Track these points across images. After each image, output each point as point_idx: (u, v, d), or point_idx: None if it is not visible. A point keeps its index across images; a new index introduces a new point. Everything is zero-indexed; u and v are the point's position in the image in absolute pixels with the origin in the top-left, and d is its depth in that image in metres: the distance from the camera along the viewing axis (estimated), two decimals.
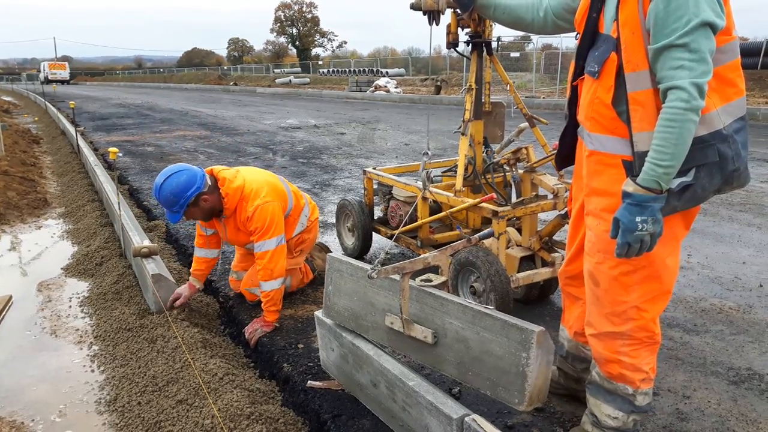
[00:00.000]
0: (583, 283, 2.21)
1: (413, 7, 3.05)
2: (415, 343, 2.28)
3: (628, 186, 1.82)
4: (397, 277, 2.30)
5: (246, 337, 3.29)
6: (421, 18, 3.16)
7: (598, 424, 2.20)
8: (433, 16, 2.80)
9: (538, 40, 27.40)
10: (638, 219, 1.79)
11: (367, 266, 2.41)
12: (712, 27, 1.71)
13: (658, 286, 2.02)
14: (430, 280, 2.33)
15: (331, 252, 2.59)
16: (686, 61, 1.71)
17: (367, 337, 2.53)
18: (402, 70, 38.92)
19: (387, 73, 35.30)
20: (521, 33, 4.44)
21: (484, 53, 3.79)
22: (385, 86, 28.56)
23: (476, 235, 2.46)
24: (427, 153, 3.13)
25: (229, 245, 4.29)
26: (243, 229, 3.43)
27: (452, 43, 3.73)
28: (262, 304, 3.31)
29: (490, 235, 2.30)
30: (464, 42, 3.75)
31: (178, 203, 3.21)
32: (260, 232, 3.28)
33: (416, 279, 2.30)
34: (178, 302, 3.52)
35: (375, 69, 37.60)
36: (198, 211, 3.32)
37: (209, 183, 3.31)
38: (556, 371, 2.62)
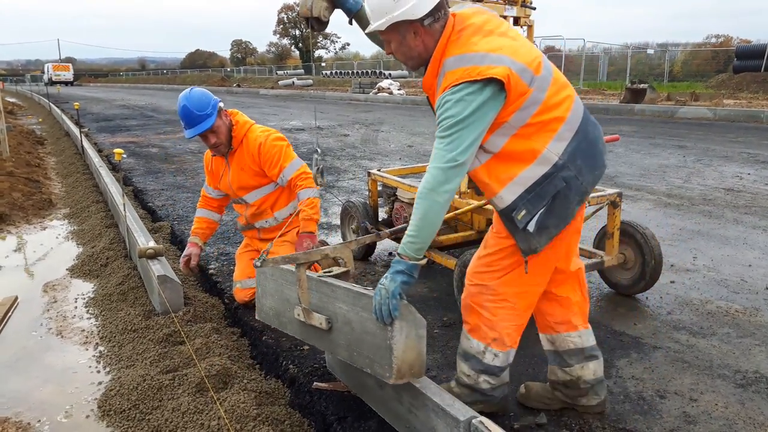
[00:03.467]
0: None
1: (298, 14, 3.02)
2: (317, 332, 2.40)
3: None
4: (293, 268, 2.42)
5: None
6: None
7: (457, 380, 2.44)
8: (311, 22, 2.82)
9: (540, 43, 27.42)
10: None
11: (286, 267, 2.50)
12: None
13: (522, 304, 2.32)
14: (331, 271, 2.46)
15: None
16: (438, 150, 2.01)
17: (287, 333, 2.63)
18: (405, 72, 38.84)
19: (390, 75, 35.27)
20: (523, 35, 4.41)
21: None
22: (388, 88, 28.55)
23: (387, 230, 2.55)
24: (317, 151, 3.19)
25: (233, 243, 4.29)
26: (250, 164, 3.48)
27: None
28: (304, 214, 3.28)
29: (403, 230, 2.34)
30: None
31: (211, 103, 3.37)
32: (278, 158, 3.40)
33: (321, 271, 2.48)
34: (192, 262, 3.54)
35: (378, 71, 37.60)
36: (222, 125, 3.43)
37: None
38: (548, 386, 2.60)
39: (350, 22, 2.72)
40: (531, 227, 2.10)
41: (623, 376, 2.88)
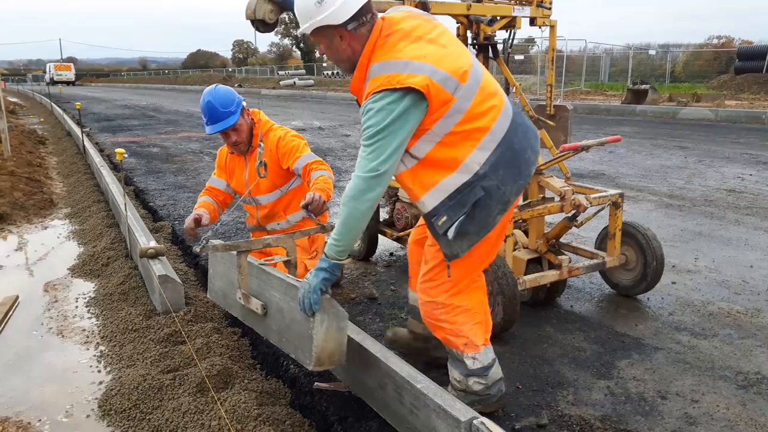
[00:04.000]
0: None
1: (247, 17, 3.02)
2: (255, 316, 2.59)
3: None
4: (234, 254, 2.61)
5: (313, 209, 3.00)
6: None
7: (451, 385, 2.48)
8: (256, 24, 2.85)
9: (542, 43, 27.41)
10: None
11: (255, 260, 2.69)
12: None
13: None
14: (273, 259, 2.64)
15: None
16: (361, 159, 2.06)
17: (231, 313, 2.84)
18: None
19: None
20: (525, 35, 4.46)
21: (490, 55, 3.79)
22: None
23: (331, 224, 2.69)
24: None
25: None
26: (270, 162, 3.49)
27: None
28: (317, 185, 3.11)
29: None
30: (470, 45, 3.76)
31: (235, 100, 3.37)
32: (296, 150, 3.43)
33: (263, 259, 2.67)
34: (204, 222, 3.45)
35: None
36: (244, 123, 3.44)
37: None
38: (406, 332, 2.88)
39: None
40: (450, 233, 2.14)
41: (625, 377, 2.87)
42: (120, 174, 4.77)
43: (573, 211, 3.38)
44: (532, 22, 4.00)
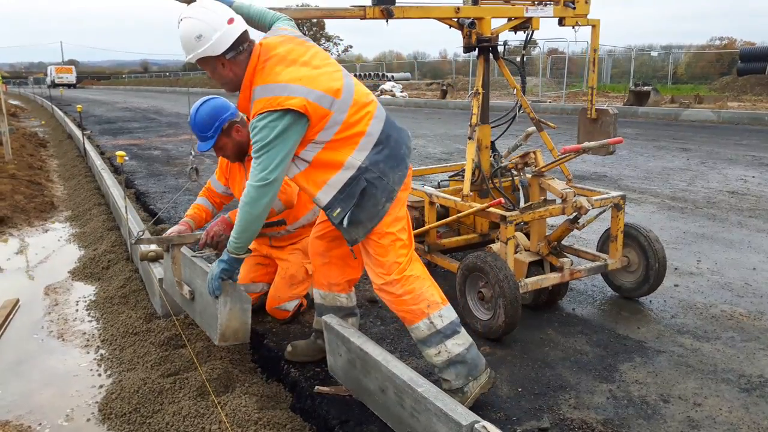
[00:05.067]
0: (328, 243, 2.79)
1: None
2: (186, 301, 3.02)
3: None
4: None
5: (209, 238, 3.11)
6: (426, 23, 3.19)
7: (437, 367, 2.56)
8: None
9: (544, 45, 27.42)
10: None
11: (189, 252, 3.05)
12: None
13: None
14: (203, 252, 2.99)
15: None
16: (252, 169, 2.32)
17: (176, 300, 3.23)
18: (408, 74, 38.96)
19: (392, 77, 35.31)
20: (520, 35, 4.35)
21: (491, 57, 3.78)
22: (391, 90, 28.55)
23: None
24: (192, 153, 3.54)
25: None
26: None
27: (467, 47, 3.74)
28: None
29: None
30: (463, 47, 3.76)
31: (214, 125, 3.22)
32: None
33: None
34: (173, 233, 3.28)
35: (381, 73, 37.61)
36: (230, 142, 3.30)
37: (243, 118, 3.36)
38: (303, 342, 3.09)
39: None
40: (345, 222, 2.43)
41: (627, 380, 2.86)
42: (121, 177, 4.77)
43: (575, 214, 3.37)
44: (561, 22, 3.91)
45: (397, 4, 3.42)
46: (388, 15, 3.40)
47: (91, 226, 5.84)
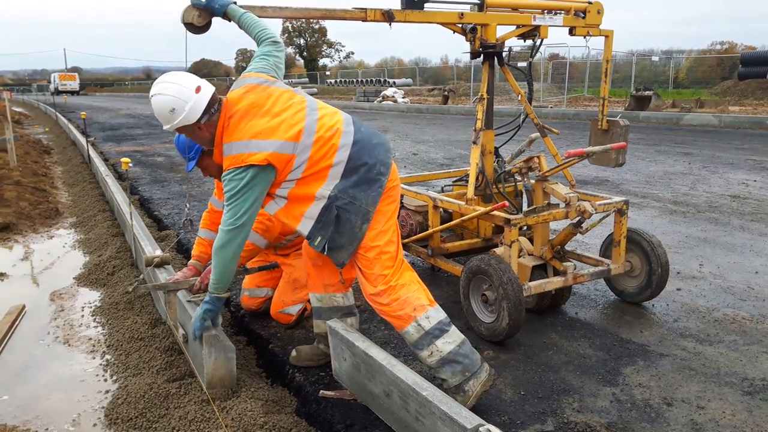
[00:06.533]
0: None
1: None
2: (183, 341, 3.12)
3: None
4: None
5: (202, 285, 3.13)
6: (427, 28, 3.23)
7: (432, 368, 2.61)
8: (187, 27, 3.04)
9: (545, 51, 27.46)
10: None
11: (185, 296, 3.10)
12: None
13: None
14: (199, 295, 3.03)
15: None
16: (224, 215, 2.54)
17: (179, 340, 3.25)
18: (409, 80, 39.02)
19: (394, 83, 35.34)
20: (528, 42, 4.37)
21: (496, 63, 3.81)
22: (393, 96, 28.61)
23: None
24: (187, 206, 3.68)
25: None
26: None
27: (473, 53, 3.77)
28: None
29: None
30: (467, 52, 3.80)
31: (195, 147, 3.11)
32: None
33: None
34: (172, 279, 3.27)
35: (382, 79, 37.65)
36: (211, 163, 3.07)
37: None
38: (308, 347, 3.14)
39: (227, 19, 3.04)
40: (325, 250, 2.61)
41: (630, 384, 2.87)
42: (125, 183, 4.79)
43: (578, 218, 3.38)
44: (571, 31, 3.91)
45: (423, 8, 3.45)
46: (389, 18, 3.41)
47: (96, 232, 5.87)
